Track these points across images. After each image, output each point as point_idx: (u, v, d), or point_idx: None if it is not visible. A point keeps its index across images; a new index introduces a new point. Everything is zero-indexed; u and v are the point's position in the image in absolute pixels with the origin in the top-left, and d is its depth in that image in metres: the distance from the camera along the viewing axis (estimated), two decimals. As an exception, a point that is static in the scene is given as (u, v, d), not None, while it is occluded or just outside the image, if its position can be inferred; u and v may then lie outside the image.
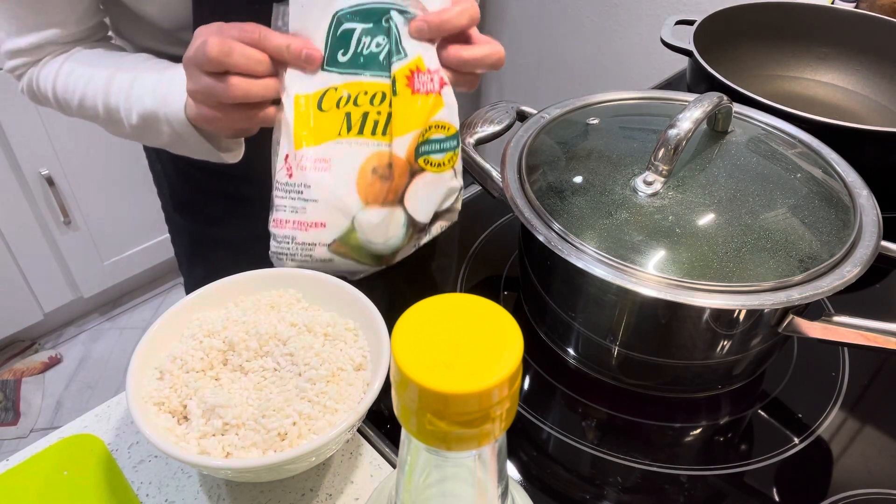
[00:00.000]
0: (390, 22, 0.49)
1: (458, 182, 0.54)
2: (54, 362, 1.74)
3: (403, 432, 0.21)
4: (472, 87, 0.54)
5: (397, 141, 0.49)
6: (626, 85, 1.68)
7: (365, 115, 0.49)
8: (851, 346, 0.44)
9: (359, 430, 0.48)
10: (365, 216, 0.50)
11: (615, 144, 0.52)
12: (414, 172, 0.51)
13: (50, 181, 1.54)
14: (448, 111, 0.51)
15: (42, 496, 0.44)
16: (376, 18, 0.49)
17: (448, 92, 0.51)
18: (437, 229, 0.56)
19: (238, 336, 0.44)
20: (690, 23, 0.83)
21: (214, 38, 0.45)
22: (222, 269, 0.50)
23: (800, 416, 0.50)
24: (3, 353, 1.73)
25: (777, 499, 0.45)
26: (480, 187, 0.57)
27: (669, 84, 0.95)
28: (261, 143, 0.54)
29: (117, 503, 0.43)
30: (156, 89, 0.54)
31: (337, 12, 0.48)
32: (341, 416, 0.41)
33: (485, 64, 0.51)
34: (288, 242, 0.50)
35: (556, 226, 0.45)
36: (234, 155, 0.59)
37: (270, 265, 0.52)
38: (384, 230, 0.51)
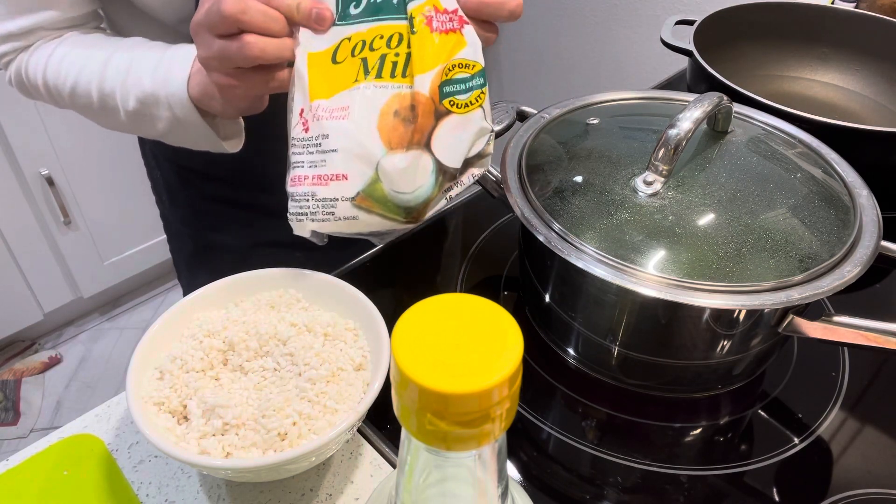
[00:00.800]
0: None
1: (489, 123, 0.49)
2: (54, 362, 1.74)
3: (403, 432, 0.21)
4: (488, 41, 0.51)
5: (419, 78, 0.45)
6: (626, 85, 1.68)
7: (383, 58, 0.46)
8: (851, 346, 0.44)
9: (359, 430, 0.48)
10: (390, 162, 0.45)
11: (615, 144, 0.52)
12: (439, 115, 0.47)
13: (50, 181, 1.54)
14: (471, 49, 0.47)
15: (42, 496, 0.44)
16: None
17: (469, 31, 0.47)
18: (468, 178, 0.51)
19: (238, 336, 0.44)
20: (690, 23, 0.83)
21: None
22: (223, 275, 0.50)
23: (800, 416, 0.50)
24: (3, 353, 1.73)
25: (777, 499, 0.45)
26: (480, 187, 0.57)
27: (669, 84, 0.95)
28: (262, 149, 0.53)
29: (117, 503, 0.43)
30: (155, 70, 0.53)
31: None
32: (341, 416, 0.41)
33: (503, 10, 0.48)
34: (307, 200, 0.46)
35: (556, 226, 0.45)
36: (235, 143, 0.58)
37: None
38: (412, 176, 0.47)
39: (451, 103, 0.47)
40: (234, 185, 0.72)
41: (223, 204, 0.74)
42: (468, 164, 0.49)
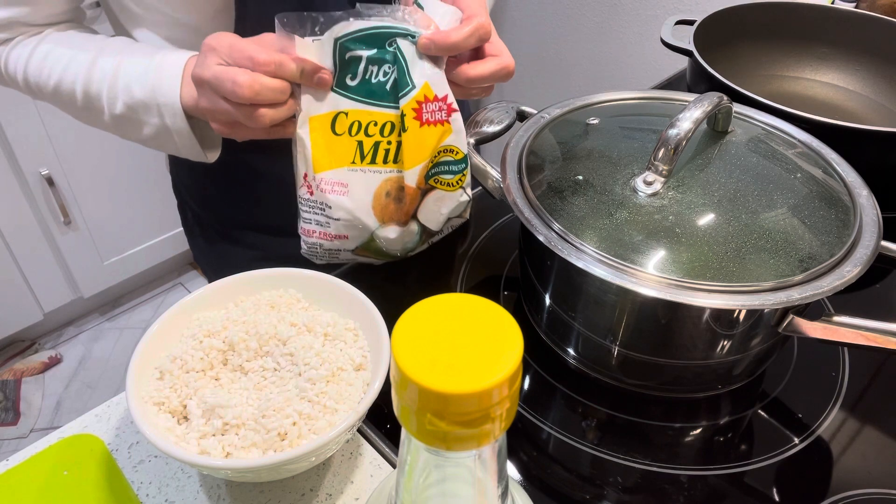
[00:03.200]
0: (395, 48, 0.50)
1: (468, 196, 0.58)
2: (54, 362, 1.74)
3: (403, 432, 0.21)
4: (486, 94, 0.56)
5: (408, 173, 0.52)
6: (626, 85, 1.68)
7: (376, 145, 0.52)
8: (851, 346, 0.44)
9: (359, 430, 0.48)
10: (383, 233, 0.55)
11: (615, 144, 0.52)
12: (425, 191, 0.55)
13: (50, 181, 1.54)
14: (456, 136, 0.54)
15: (42, 496, 0.44)
16: (380, 44, 0.50)
17: (456, 118, 0.53)
18: (447, 229, 0.60)
19: (238, 336, 0.44)
20: (690, 23, 0.83)
21: (243, 78, 0.46)
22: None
23: (800, 416, 0.50)
24: (3, 353, 1.73)
25: (777, 499, 0.45)
26: (480, 187, 0.57)
27: (669, 84, 0.95)
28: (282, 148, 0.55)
29: (117, 503, 0.43)
30: (145, 76, 0.53)
31: (338, 39, 0.49)
32: (341, 416, 0.41)
33: (493, 80, 0.53)
34: (316, 248, 0.56)
35: (556, 226, 0.45)
36: (215, 153, 0.59)
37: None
38: (400, 241, 0.56)
39: (437, 181, 0.55)
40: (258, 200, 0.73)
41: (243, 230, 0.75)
42: (448, 220, 0.59)
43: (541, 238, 0.45)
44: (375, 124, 0.52)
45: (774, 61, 0.89)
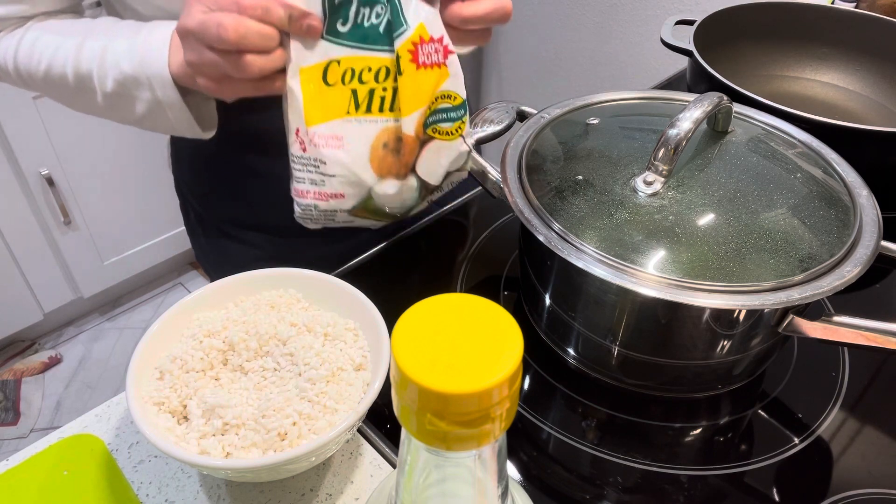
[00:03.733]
0: None
1: (467, 145, 0.55)
2: (54, 362, 1.74)
3: (403, 432, 0.21)
4: (484, 40, 0.53)
5: (406, 120, 0.50)
6: (626, 85, 1.68)
7: (371, 92, 0.49)
8: (851, 346, 0.44)
9: (359, 430, 0.48)
10: (381, 187, 0.52)
11: (615, 144, 0.52)
12: (423, 142, 0.52)
13: (50, 181, 1.54)
14: (453, 80, 0.51)
15: (42, 496, 0.44)
16: None
17: (453, 60, 0.50)
18: (447, 185, 0.58)
19: (238, 336, 0.44)
20: (690, 23, 0.83)
21: (228, 20, 0.44)
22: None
23: (800, 416, 0.50)
24: (3, 353, 1.73)
25: (777, 499, 0.45)
26: (480, 187, 0.57)
27: (669, 84, 0.95)
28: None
29: (117, 503, 0.43)
30: (131, 51, 0.52)
31: None
32: (341, 416, 0.41)
33: (489, 21, 0.50)
34: (311, 210, 0.53)
35: (556, 226, 0.45)
36: (211, 131, 0.58)
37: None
38: (399, 198, 0.54)
39: (435, 130, 0.53)
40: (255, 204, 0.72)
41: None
42: (448, 175, 0.56)
43: (541, 238, 0.45)
44: (370, 70, 0.49)
45: (774, 61, 0.89)
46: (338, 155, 0.50)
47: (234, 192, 0.71)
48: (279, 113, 0.52)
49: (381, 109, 0.50)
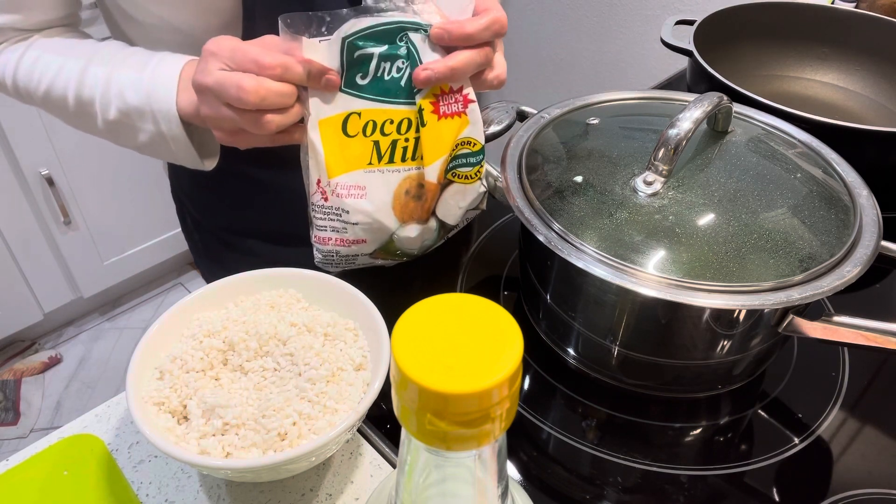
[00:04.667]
0: (407, 42, 0.48)
1: (485, 187, 0.57)
2: (54, 362, 1.74)
3: (403, 432, 0.21)
4: (497, 86, 0.53)
5: (428, 169, 0.51)
6: (626, 85, 1.68)
7: (394, 143, 0.51)
8: (851, 346, 0.44)
9: (359, 430, 0.48)
10: (403, 232, 0.54)
11: (615, 144, 0.52)
12: (444, 186, 0.54)
13: (50, 181, 1.54)
14: (473, 127, 0.53)
15: (42, 496, 0.44)
16: (391, 39, 0.48)
17: (473, 109, 0.52)
18: (463, 222, 0.60)
19: (238, 336, 0.44)
20: (690, 23, 0.83)
21: (248, 83, 0.44)
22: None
23: (800, 416, 0.50)
24: (3, 353, 1.73)
25: (777, 499, 0.45)
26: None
27: (669, 84, 0.95)
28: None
29: (117, 503, 0.43)
30: (138, 83, 0.52)
31: (345, 38, 0.48)
32: (341, 416, 0.41)
33: (488, 34, 0.49)
34: (332, 255, 0.55)
35: (556, 226, 0.45)
36: (213, 161, 0.58)
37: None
38: (420, 240, 0.56)
39: (455, 175, 0.54)
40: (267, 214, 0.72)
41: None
42: (465, 213, 0.57)
43: (541, 238, 0.45)
44: (392, 122, 0.50)
45: (774, 61, 0.89)
46: (361, 204, 0.51)
47: (233, 200, 0.71)
48: None
49: (403, 159, 0.51)
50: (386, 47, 0.48)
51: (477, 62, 0.50)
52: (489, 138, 0.59)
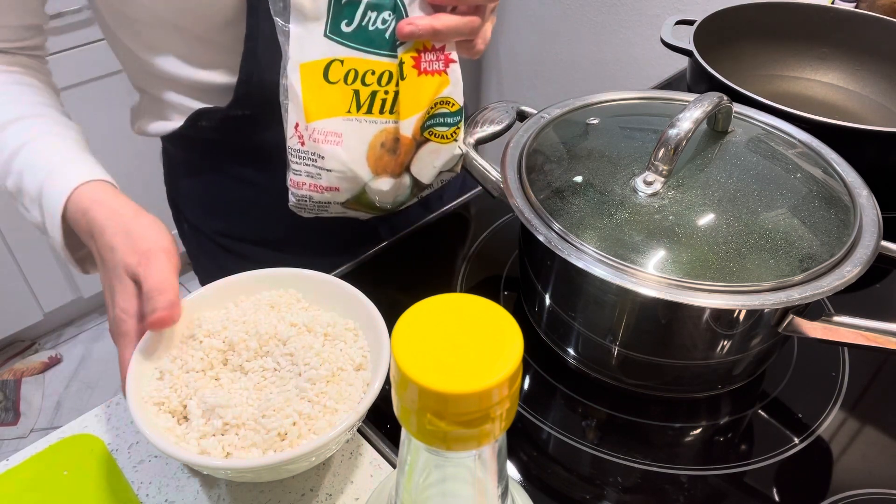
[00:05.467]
0: None
1: (461, 150, 0.57)
2: (54, 362, 1.74)
3: (403, 432, 0.21)
4: (471, 53, 0.53)
5: (404, 123, 0.51)
6: (626, 85, 1.68)
7: (373, 94, 0.51)
8: (851, 346, 0.44)
9: (359, 430, 0.48)
10: (375, 184, 0.54)
11: (615, 144, 0.52)
12: (420, 143, 0.54)
13: (50, 181, 1.53)
14: (453, 88, 0.53)
15: (42, 496, 0.44)
16: None
17: (454, 69, 0.52)
18: (437, 183, 0.60)
19: (238, 336, 0.44)
20: (690, 23, 0.83)
21: (114, 337, 0.46)
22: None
23: (800, 416, 0.50)
24: (3, 353, 1.73)
25: (777, 499, 0.45)
26: (480, 187, 0.57)
27: (669, 84, 0.95)
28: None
29: (117, 503, 0.43)
30: (37, 175, 0.51)
31: None
32: (341, 417, 0.41)
33: None
34: (305, 200, 0.55)
35: (556, 226, 0.45)
36: (95, 270, 0.56)
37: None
38: (392, 194, 0.56)
39: (432, 133, 0.54)
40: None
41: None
42: (440, 174, 0.58)
43: (541, 238, 0.45)
44: (373, 73, 0.50)
45: (774, 61, 0.89)
46: (336, 151, 0.51)
47: (230, 205, 0.70)
48: (279, 129, 0.52)
49: (381, 111, 0.51)
50: None
51: (461, 31, 0.51)
52: (489, 138, 0.59)
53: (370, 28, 0.49)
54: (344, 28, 0.49)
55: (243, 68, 0.56)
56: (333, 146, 0.51)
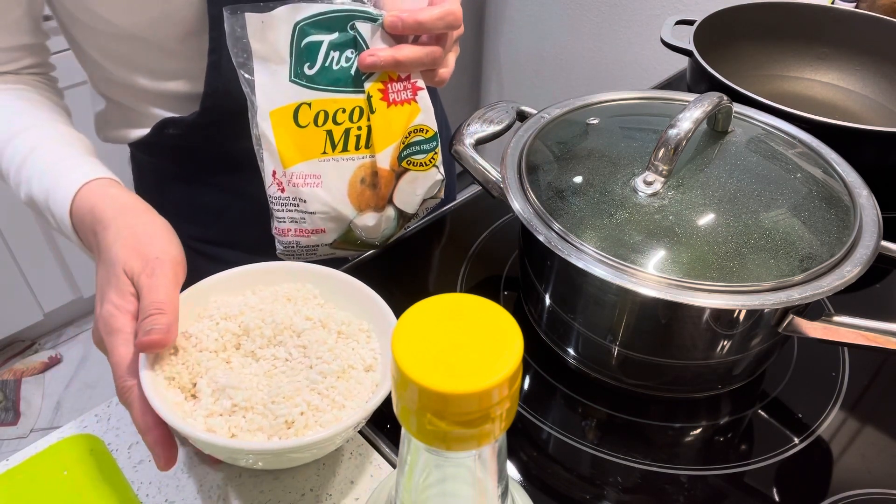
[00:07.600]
0: (356, 32, 0.49)
1: (441, 175, 0.58)
2: (54, 362, 1.74)
3: (403, 432, 0.21)
4: (435, 82, 0.53)
5: (380, 156, 0.52)
6: (626, 85, 1.69)
7: (346, 132, 0.51)
8: (851, 346, 0.44)
9: (359, 431, 0.48)
10: (361, 220, 0.55)
11: (615, 144, 0.52)
12: (399, 174, 0.55)
13: (50, 181, 1.53)
14: (425, 115, 0.53)
15: (42, 496, 0.44)
16: (341, 27, 0.49)
17: (423, 96, 0.53)
18: (422, 212, 0.61)
19: (254, 322, 0.45)
20: (690, 23, 0.83)
21: (103, 335, 0.44)
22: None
23: (800, 416, 0.50)
24: (3, 353, 1.73)
25: (777, 499, 0.45)
26: (480, 187, 0.57)
27: (669, 84, 0.95)
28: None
29: (117, 503, 0.43)
30: (43, 178, 0.50)
31: (297, 23, 0.48)
32: (348, 413, 0.41)
33: (442, 24, 0.50)
34: (293, 247, 0.55)
35: (556, 226, 0.45)
36: None
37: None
38: (378, 228, 0.56)
39: (409, 162, 0.55)
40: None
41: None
42: (423, 202, 0.58)
43: (541, 238, 0.45)
44: (344, 111, 0.51)
45: (774, 61, 0.89)
46: (317, 193, 0.52)
47: (202, 210, 0.69)
48: (247, 136, 0.52)
49: (357, 147, 0.52)
50: (336, 35, 0.49)
51: (423, 62, 0.51)
52: (489, 138, 0.59)
53: (334, 67, 0.50)
54: (307, 71, 0.49)
55: (208, 81, 0.56)
56: (313, 188, 0.51)
